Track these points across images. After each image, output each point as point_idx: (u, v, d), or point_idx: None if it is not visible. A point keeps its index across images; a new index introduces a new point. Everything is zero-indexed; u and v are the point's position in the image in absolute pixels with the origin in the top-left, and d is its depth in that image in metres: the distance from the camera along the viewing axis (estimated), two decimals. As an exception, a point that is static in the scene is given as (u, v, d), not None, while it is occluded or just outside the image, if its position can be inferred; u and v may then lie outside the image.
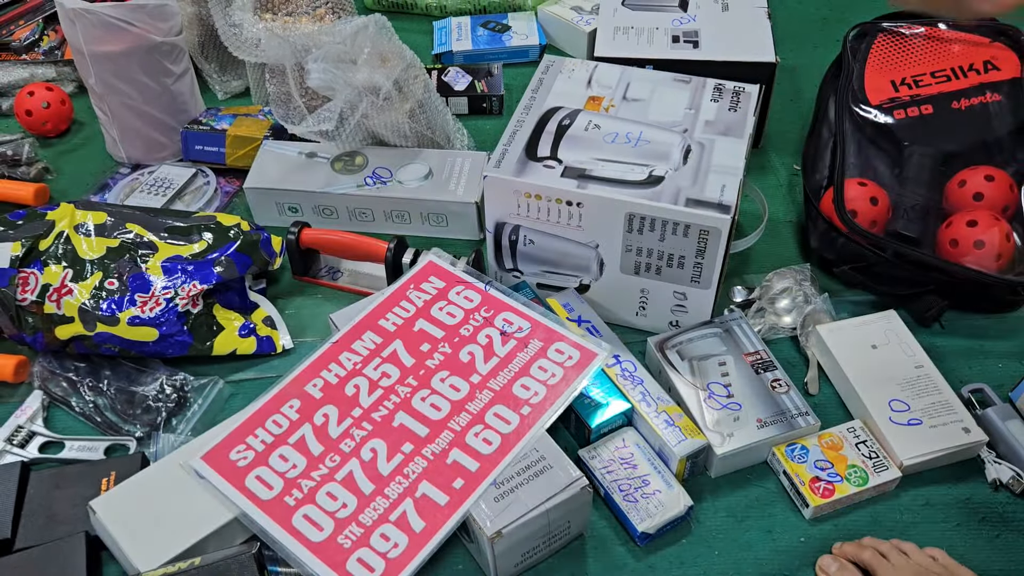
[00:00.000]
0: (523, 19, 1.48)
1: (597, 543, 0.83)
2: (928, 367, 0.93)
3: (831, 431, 0.89)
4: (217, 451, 0.82)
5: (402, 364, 0.88)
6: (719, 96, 1.01)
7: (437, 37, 1.46)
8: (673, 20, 1.23)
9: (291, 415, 0.84)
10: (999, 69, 1.10)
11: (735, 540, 0.83)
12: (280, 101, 1.15)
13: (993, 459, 0.88)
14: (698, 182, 0.90)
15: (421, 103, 1.14)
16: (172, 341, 0.95)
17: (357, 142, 1.17)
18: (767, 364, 0.92)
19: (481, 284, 0.94)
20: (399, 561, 0.74)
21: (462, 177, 1.12)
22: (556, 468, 0.78)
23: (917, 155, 1.07)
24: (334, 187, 1.12)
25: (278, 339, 1.01)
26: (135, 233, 1.00)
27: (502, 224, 0.97)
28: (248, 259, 1.01)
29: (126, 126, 1.21)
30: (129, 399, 0.94)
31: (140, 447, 0.91)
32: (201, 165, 1.22)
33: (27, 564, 0.78)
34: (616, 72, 1.06)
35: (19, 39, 1.40)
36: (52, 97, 1.28)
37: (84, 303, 0.94)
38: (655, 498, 0.82)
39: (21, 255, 0.96)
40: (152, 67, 1.17)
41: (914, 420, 0.89)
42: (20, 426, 0.92)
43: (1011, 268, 0.99)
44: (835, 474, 0.85)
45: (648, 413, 0.87)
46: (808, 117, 1.24)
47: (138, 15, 1.12)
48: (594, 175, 0.92)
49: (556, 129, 0.97)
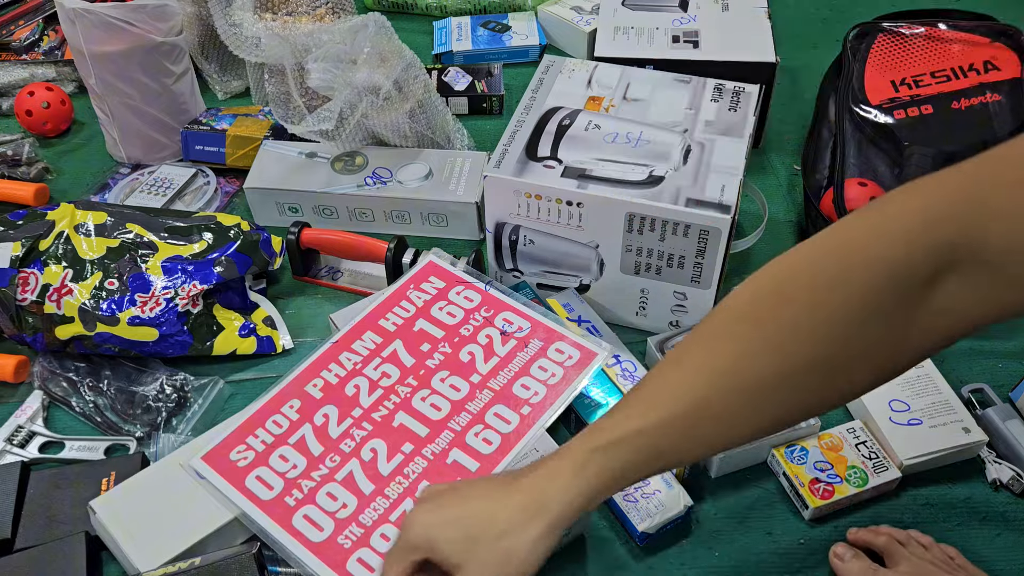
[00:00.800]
0: (523, 19, 1.48)
1: (597, 543, 0.83)
2: (928, 367, 0.93)
3: (831, 431, 0.89)
4: (217, 451, 0.82)
5: (402, 364, 0.88)
6: (719, 96, 1.01)
7: (437, 37, 1.46)
8: (673, 20, 1.23)
9: (291, 415, 0.84)
10: (999, 69, 1.10)
11: (735, 541, 0.83)
12: (280, 101, 1.15)
13: (993, 459, 0.88)
14: (698, 182, 0.90)
15: (421, 103, 1.14)
16: (172, 341, 0.95)
17: (357, 142, 1.17)
18: (767, 364, 0.92)
19: (481, 284, 0.94)
20: (399, 561, 0.74)
21: (462, 177, 1.12)
22: (556, 468, 0.78)
23: (917, 155, 1.07)
24: (334, 187, 1.12)
25: (278, 339, 1.01)
26: (135, 233, 1.00)
27: (502, 224, 0.97)
28: (248, 259, 1.01)
29: (126, 126, 1.21)
30: (129, 399, 0.94)
31: (140, 447, 0.91)
32: (201, 165, 1.22)
33: (27, 564, 0.78)
34: (616, 72, 1.06)
35: (19, 39, 1.40)
36: (52, 97, 1.28)
37: (84, 303, 0.94)
38: (655, 498, 0.82)
39: (21, 255, 0.96)
40: (152, 67, 1.17)
41: (914, 420, 0.89)
42: (20, 426, 0.92)
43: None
44: (835, 475, 0.85)
45: (648, 413, 0.87)
46: (808, 117, 1.24)
47: (138, 15, 1.12)
48: (594, 175, 0.92)
49: (556, 129, 0.97)
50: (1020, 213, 0.44)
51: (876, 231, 0.50)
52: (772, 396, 0.53)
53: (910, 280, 0.48)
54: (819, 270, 0.52)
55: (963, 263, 0.47)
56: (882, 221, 0.50)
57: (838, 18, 1.52)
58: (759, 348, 0.53)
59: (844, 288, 0.50)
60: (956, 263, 0.47)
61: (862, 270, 0.50)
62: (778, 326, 0.52)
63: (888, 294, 0.49)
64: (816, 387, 0.53)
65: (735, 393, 0.53)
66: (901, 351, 0.52)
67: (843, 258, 0.51)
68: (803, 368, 0.52)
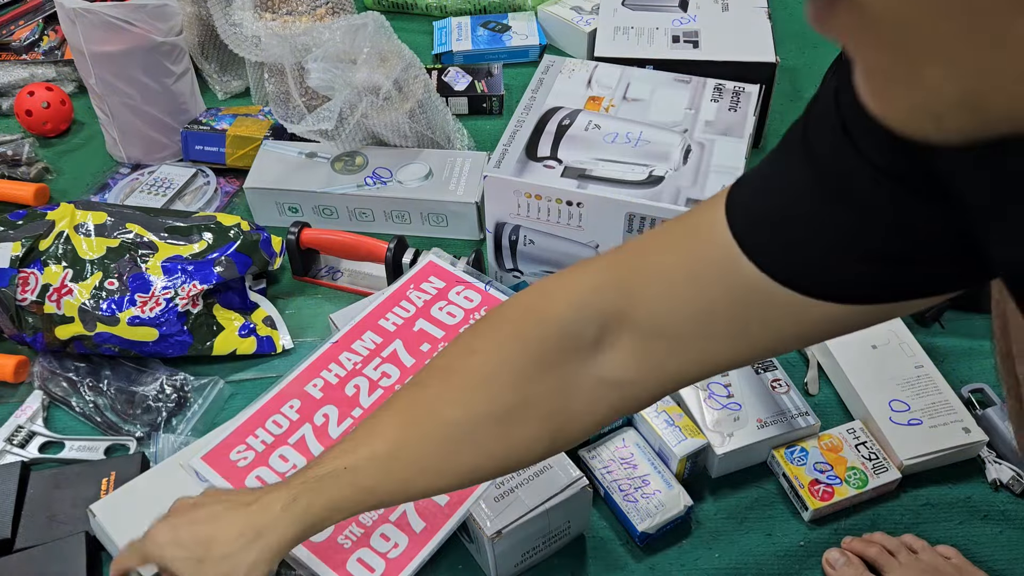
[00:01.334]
0: (523, 19, 1.48)
1: (597, 543, 0.83)
2: (928, 367, 0.93)
3: (831, 432, 0.89)
4: (217, 451, 0.82)
5: (402, 364, 0.88)
6: (719, 96, 1.01)
7: (437, 37, 1.46)
8: (673, 20, 1.23)
9: (291, 415, 0.84)
10: (999, 69, 1.10)
11: (735, 542, 0.83)
12: (279, 101, 1.15)
13: (993, 459, 0.88)
14: (698, 182, 0.90)
15: (421, 103, 1.14)
16: (172, 341, 0.95)
17: (357, 142, 1.17)
18: (767, 364, 0.92)
19: (481, 284, 0.94)
20: (399, 561, 0.74)
21: (462, 177, 1.12)
22: (556, 468, 0.78)
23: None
24: (334, 187, 1.12)
25: (278, 339, 1.01)
26: (135, 233, 1.00)
27: (502, 224, 0.97)
28: (248, 259, 1.01)
29: (126, 126, 1.21)
30: (129, 399, 0.94)
31: (140, 447, 0.91)
32: (201, 165, 1.22)
33: (27, 564, 0.78)
34: (616, 72, 1.06)
35: (19, 39, 1.40)
36: (52, 97, 1.28)
37: (84, 303, 0.94)
38: (655, 498, 0.82)
39: (21, 255, 0.96)
40: (152, 67, 1.17)
41: (914, 420, 0.89)
42: (20, 426, 0.92)
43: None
44: (834, 476, 0.85)
45: (648, 413, 0.87)
46: (808, 117, 1.24)
47: (138, 15, 1.12)
48: (594, 175, 0.92)
49: (556, 129, 0.97)
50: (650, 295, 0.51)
51: (555, 293, 0.56)
52: (459, 445, 0.57)
53: (578, 339, 0.53)
54: (503, 323, 0.58)
55: (624, 331, 0.52)
56: (561, 285, 0.56)
57: (838, 18, 1.52)
58: (446, 396, 0.57)
59: (520, 341, 0.56)
60: (618, 329, 0.52)
61: (536, 325, 0.55)
62: (464, 375, 0.57)
63: (558, 350, 0.54)
64: (496, 438, 0.56)
65: (425, 439, 0.58)
66: (571, 411, 0.56)
67: (524, 314, 0.57)
68: (482, 417, 0.56)
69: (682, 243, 0.52)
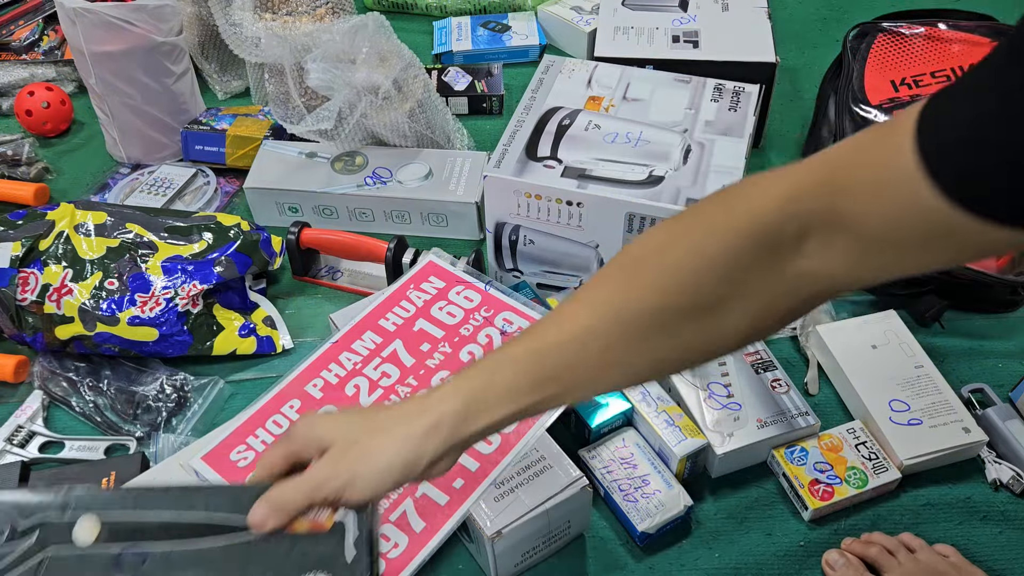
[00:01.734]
0: (523, 19, 1.48)
1: (597, 543, 0.83)
2: (928, 367, 0.93)
3: (831, 432, 0.89)
4: (218, 451, 0.82)
5: (402, 364, 0.88)
6: (719, 96, 1.01)
7: (437, 37, 1.46)
8: (673, 20, 1.23)
9: (291, 415, 0.84)
10: (999, 69, 1.10)
11: (735, 542, 0.83)
12: (279, 101, 1.15)
13: (993, 459, 0.88)
14: (698, 182, 0.90)
15: (421, 103, 1.14)
16: (172, 341, 0.95)
17: (357, 142, 1.17)
18: (767, 364, 0.92)
19: (481, 284, 0.94)
20: (399, 561, 0.74)
21: (462, 177, 1.12)
22: (556, 468, 0.78)
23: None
24: (334, 187, 1.12)
25: (278, 339, 1.01)
26: (135, 233, 1.00)
27: (502, 224, 0.97)
28: (248, 259, 1.01)
29: (126, 126, 1.21)
30: (129, 399, 0.94)
31: (140, 447, 0.91)
32: (201, 165, 1.22)
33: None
34: (616, 72, 1.06)
35: (19, 39, 1.40)
36: (52, 97, 1.28)
37: (84, 303, 0.94)
38: (655, 498, 0.82)
39: (21, 255, 0.96)
40: (152, 67, 1.17)
41: (914, 420, 0.89)
42: (20, 426, 0.92)
43: (1011, 268, 0.99)
44: (834, 476, 0.85)
45: (648, 413, 0.87)
46: (808, 117, 1.24)
47: (138, 15, 1.12)
48: (594, 175, 0.92)
49: (556, 129, 0.97)
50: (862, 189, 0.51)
51: (754, 194, 0.56)
52: (649, 335, 0.57)
53: (781, 236, 0.53)
54: (704, 219, 0.58)
55: (824, 229, 0.53)
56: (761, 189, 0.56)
57: (838, 18, 1.52)
58: (641, 284, 0.57)
59: (724, 235, 0.55)
60: (818, 229, 0.53)
61: (742, 220, 0.55)
62: (661, 268, 0.57)
63: (762, 246, 0.54)
64: (690, 332, 0.56)
65: (616, 325, 0.57)
66: (771, 304, 0.56)
67: (726, 211, 0.56)
68: (679, 308, 0.56)
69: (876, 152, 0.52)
